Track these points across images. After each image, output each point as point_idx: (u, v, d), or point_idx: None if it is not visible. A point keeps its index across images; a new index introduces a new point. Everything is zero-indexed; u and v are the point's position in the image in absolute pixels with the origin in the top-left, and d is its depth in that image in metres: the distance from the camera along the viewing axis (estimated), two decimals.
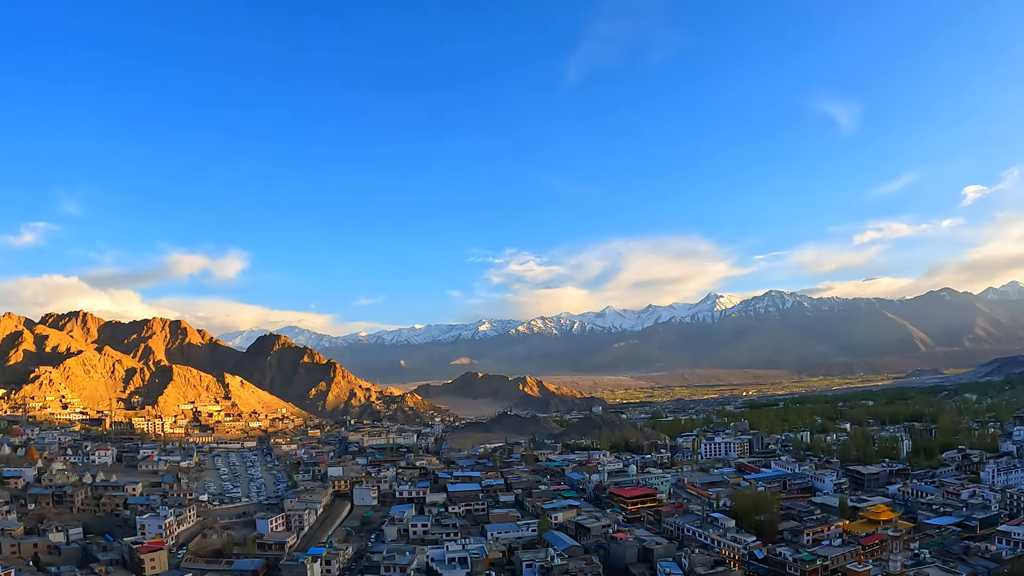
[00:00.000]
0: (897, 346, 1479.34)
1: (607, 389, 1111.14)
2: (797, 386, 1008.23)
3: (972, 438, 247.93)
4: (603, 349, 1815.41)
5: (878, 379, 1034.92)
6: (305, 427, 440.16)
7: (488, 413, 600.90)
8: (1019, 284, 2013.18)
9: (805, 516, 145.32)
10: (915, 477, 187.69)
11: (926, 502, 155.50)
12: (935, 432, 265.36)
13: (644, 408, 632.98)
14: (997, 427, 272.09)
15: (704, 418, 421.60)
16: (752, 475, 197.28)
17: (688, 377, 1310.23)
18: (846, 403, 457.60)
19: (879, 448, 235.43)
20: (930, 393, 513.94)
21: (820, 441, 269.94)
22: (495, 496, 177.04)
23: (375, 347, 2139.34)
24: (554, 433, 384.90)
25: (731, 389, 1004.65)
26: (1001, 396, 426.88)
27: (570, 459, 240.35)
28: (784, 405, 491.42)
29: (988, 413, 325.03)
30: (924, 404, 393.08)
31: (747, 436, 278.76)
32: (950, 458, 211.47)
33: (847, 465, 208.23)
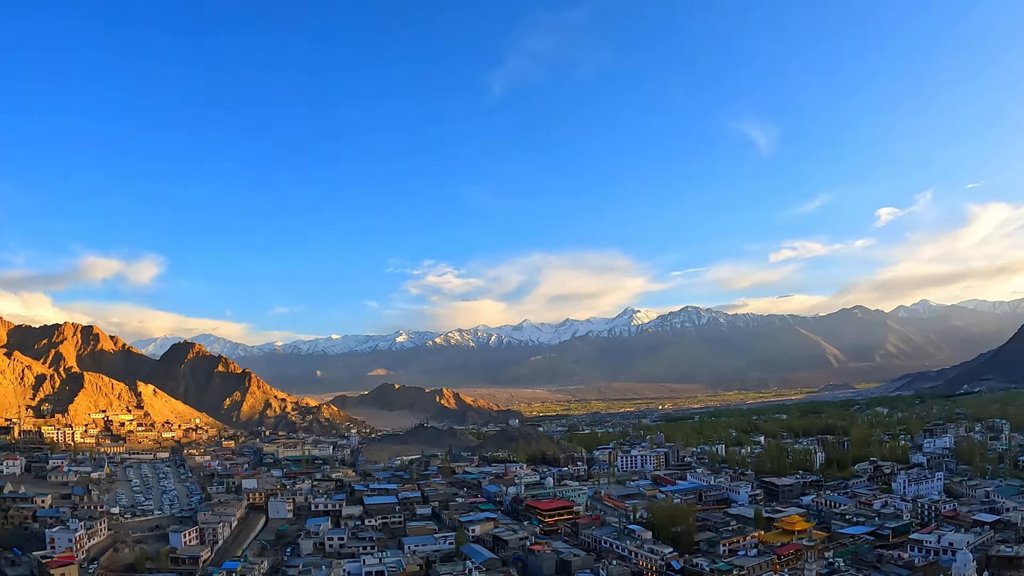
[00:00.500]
0: (810, 361, 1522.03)
1: (524, 402, 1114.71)
2: (712, 400, 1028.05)
3: (884, 450, 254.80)
4: (520, 362, 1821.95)
5: (792, 393, 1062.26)
6: (219, 438, 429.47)
7: (405, 425, 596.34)
8: (929, 303, 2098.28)
9: (721, 527, 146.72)
10: (828, 488, 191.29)
11: (839, 512, 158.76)
12: (848, 444, 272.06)
13: (561, 421, 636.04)
14: (908, 440, 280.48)
15: (620, 431, 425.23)
16: (668, 487, 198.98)
17: (605, 391, 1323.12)
18: (760, 417, 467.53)
19: (793, 460, 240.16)
20: (842, 407, 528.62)
21: (735, 454, 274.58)
22: (412, 509, 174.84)
23: (291, 357, 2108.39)
24: (471, 446, 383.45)
25: (647, 403, 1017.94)
26: (911, 410, 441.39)
27: (487, 472, 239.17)
28: (700, 419, 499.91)
29: (899, 426, 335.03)
30: (837, 418, 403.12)
31: (663, 449, 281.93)
32: (862, 470, 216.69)
33: (762, 477, 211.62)
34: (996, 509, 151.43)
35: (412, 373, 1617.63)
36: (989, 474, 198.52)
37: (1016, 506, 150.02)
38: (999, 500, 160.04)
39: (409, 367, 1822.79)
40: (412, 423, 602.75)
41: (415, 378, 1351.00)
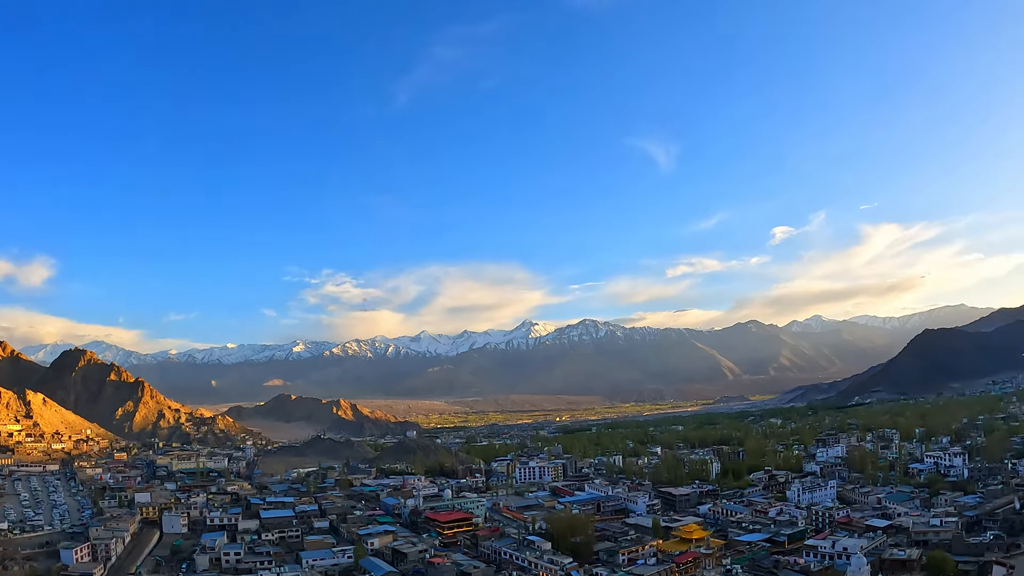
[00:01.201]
0: (706, 374, 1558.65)
1: (422, 413, 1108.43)
2: (609, 412, 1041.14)
3: (778, 460, 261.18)
4: (418, 373, 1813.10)
5: (688, 405, 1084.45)
6: (111, 449, 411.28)
7: (301, 436, 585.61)
8: (821, 318, 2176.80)
9: (620, 537, 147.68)
10: (724, 497, 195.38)
11: (736, 520, 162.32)
12: (743, 454, 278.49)
13: (459, 433, 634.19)
14: (801, 449, 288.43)
15: (518, 443, 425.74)
16: (567, 498, 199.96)
17: (502, 403, 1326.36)
18: (657, 428, 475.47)
19: (689, 470, 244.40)
20: (737, 418, 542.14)
21: (632, 464, 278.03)
22: (309, 522, 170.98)
23: (186, 366, 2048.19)
24: (368, 458, 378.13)
25: (545, 415, 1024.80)
26: (804, 421, 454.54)
27: (385, 484, 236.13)
28: (597, 430, 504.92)
29: (792, 436, 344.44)
30: (732, 428, 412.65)
31: (561, 460, 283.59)
32: (757, 479, 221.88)
33: (659, 487, 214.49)
34: (888, 515, 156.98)
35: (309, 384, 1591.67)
36: (880, 481, 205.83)
37: (907, 511, 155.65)
38: (890, 506, 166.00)
39: (306, 377, 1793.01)
40: (309, 435, 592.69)
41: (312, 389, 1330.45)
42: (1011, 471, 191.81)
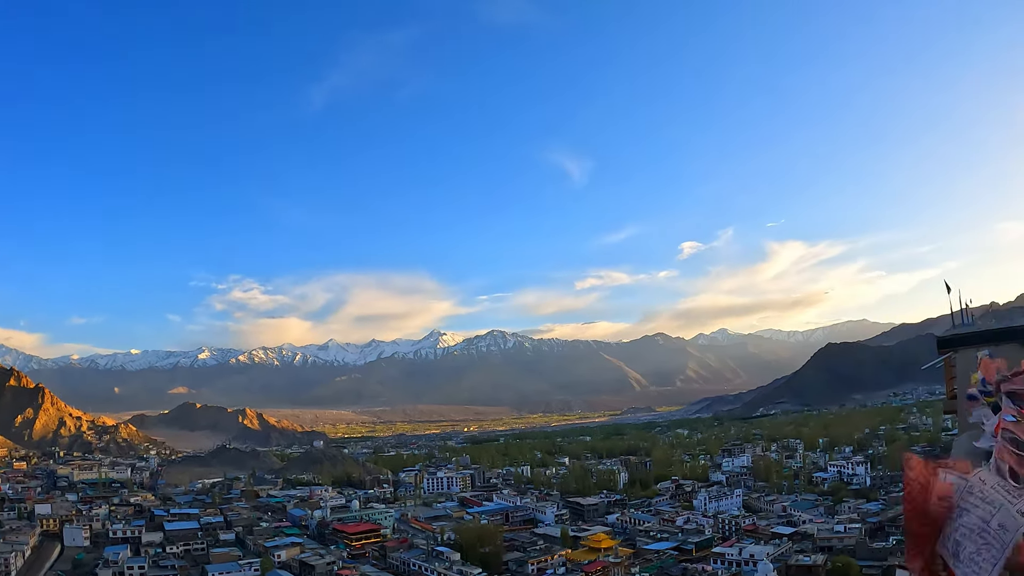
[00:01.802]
0: (614, 386, 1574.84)
1: (329, 423, 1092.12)
2: (518, 422, 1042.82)
3: (685, 469, 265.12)
4: (325, 382, 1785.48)
5: (595, 416, 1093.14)
6: (10, 459, 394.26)
7: (207, 446, 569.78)
8: (727, 331, 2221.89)
9: (529, 547, 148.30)
10: (632, 506, 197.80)
11: (644, 529, 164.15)
12: (650, 464, 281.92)
13: (366, 443, 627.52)
14: (707, 459, 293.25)
15: (426, 453, 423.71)
16: (475, 508, 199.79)
17: (410, 412, 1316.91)
18: (565, 438, 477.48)
19: (597, 480, 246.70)
20: (644, 429, 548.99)
21: (540, 475, 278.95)
22: (215, 535, 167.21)
23: (88, 372, 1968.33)
24: (275, 468, 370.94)
25: (453, 425, 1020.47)
26: (710, 431, 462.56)
27: (292, 495, 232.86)
28: (505, 440, 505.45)
29: (699, 447, 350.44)
30: (639, 439, 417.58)
31: (469, 471, 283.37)
32: (664, 488, 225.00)
33: (567, 497, 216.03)
34: (793, 522, 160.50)
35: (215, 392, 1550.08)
36: (785, 490, 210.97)
37: (811, 518, 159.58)
38: (795, 513, 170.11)
39: (212, 385, 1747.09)
40: (214, 444, 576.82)
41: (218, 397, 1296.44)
42: None
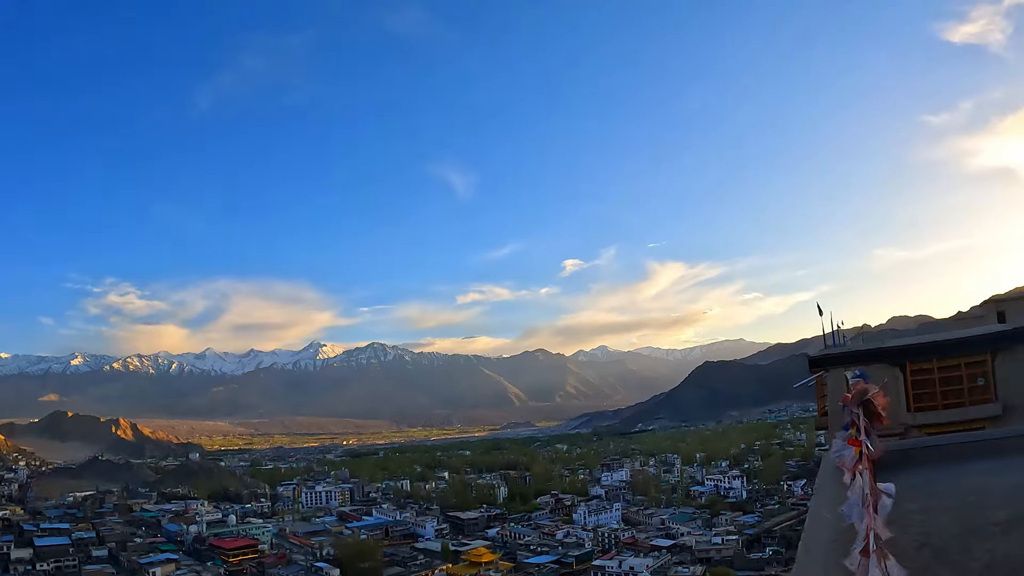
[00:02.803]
0: (494, 400, 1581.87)
1: (205, 435, 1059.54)
2: (397, 436, 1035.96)
3: (564, 484, 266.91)
4: (202, 392, 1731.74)
5: (475, 431, 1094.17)
6: None
7: (79, 457, 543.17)
8: (607, 348, 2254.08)
9: (409, 561, 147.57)
10: (512, 520, 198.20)
11: (524, 543, 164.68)
12: (529, 479, 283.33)
13: (244, 455, 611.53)
14: (587, 474, 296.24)
15: (305, 466, 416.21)
16: (354, 523, 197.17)
17: (289, 424, 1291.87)
18: (445, 452, 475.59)
19: (477, 495, 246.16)
20: (524, 444, 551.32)
21: (420, 489, 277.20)
22: (87, 551, 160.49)
23: None
24: (149, 481, 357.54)
25: (332, 438, 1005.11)
26: (589, 446, 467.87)
27: (167, 509, 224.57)
28: (384, 454, 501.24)
29: (578, 461, 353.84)
30: (519, 453, 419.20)
31: (348, 485, 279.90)
32: (544, 502, 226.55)
33: (447, 511, 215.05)
34: (671, 534, 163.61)
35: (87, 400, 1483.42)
36: (663, 503, 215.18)
37: (689, 531, 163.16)
38: (673, 526, 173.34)
39: (84, 393, 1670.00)
40: (86, 455, 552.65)
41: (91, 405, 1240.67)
42: (787, 492, 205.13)
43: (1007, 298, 56.63)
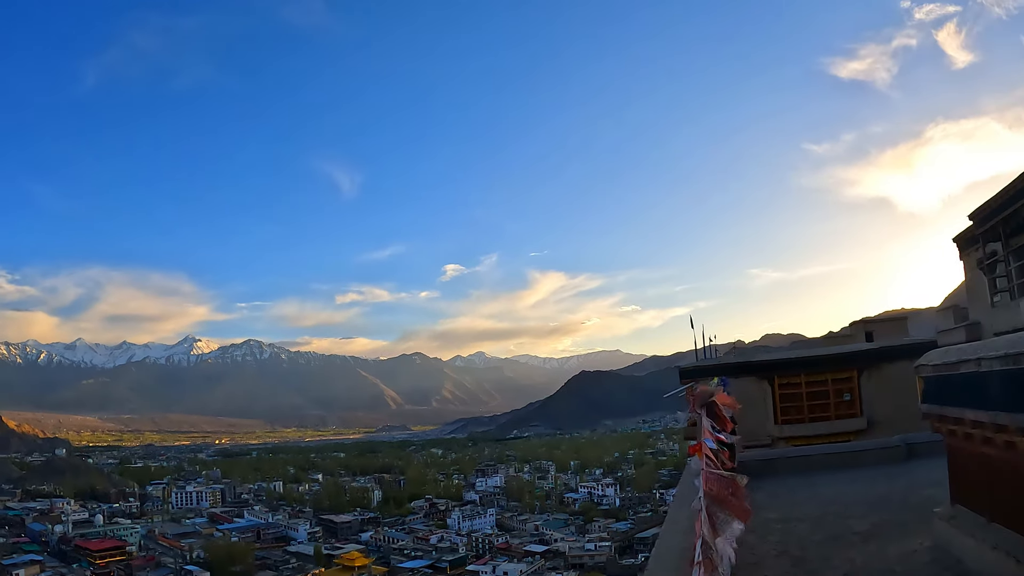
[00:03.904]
0: (369, 403, 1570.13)
1: (73, 429, 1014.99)
2: (271, 436, 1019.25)
3: (439, 488, 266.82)
4: (71, 385, 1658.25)
5: (350, 433, 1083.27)
6: None
7: None
8: (485, 354, 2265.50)
9: (281, 565, 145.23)
10: (386, 524, 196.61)
11: (398, 547, 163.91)
12: (404, 483, 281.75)
13: (113, 452, 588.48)
14: (461, 479, 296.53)
15: (176, 465, 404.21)
16: (226, 525, 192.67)
17: (160, 422, 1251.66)
18: (319, 454, 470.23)
19: (351, 498, 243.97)
20: (399, 447, 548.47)
21: (293, 491, 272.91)
22: None
23: None
24: (13, 477, 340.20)
25: (204, 436, 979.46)
26: (464, 451, 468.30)
27: (31, 507, 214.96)
28: (257, 455, 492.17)
29: (453, 466, 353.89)
30: (394, 457, 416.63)
31: (220, 485, 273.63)
32: (419, 507, 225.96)
33: (320, 514, 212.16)
34: (545, 540, 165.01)
35: None
36: (537, 509, 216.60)
37: (563, 537, 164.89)
38: (547, 532, 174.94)
39: None
40: None
41: None
42: (659, 500, 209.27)
43: (875, 319, 59.53)
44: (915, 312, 66.93)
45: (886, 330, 51.86)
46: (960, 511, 14.30)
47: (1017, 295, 33.49)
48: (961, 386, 12.87)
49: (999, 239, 34.65)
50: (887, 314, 65.60)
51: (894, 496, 20.65)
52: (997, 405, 11.15)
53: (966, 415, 12.72)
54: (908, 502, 19.45)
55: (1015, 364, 10.26)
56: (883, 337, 48.63)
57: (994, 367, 11.00)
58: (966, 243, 42.96)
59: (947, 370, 13.51)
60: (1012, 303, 33.50)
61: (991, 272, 37.17)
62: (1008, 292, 35.03)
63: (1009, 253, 34.05)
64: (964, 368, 12.48)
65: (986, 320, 36.55)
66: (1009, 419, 10.83)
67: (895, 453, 27.75)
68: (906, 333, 50.17)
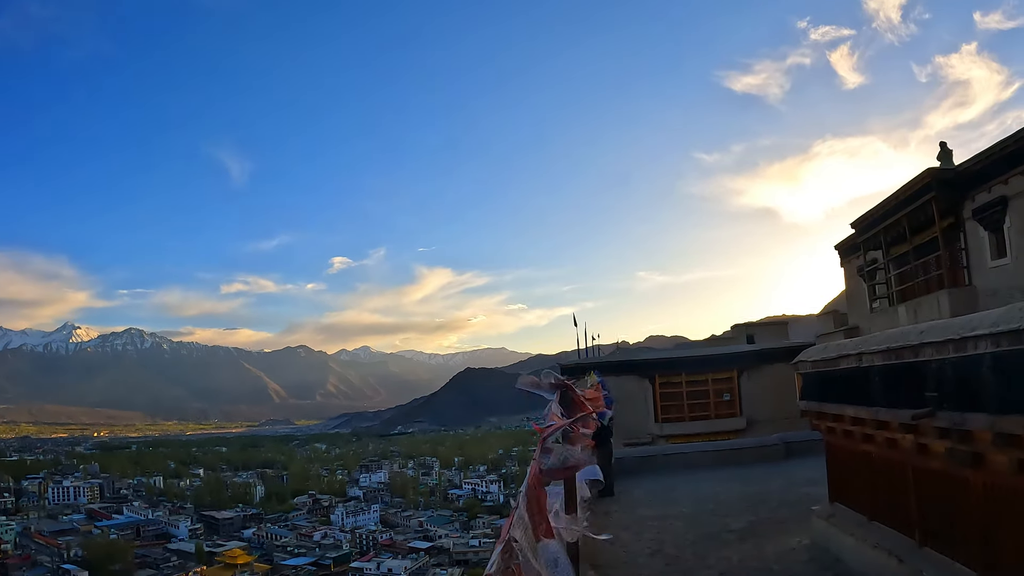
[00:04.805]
0: (253, 396, 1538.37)
1: None
2: (152, 429, 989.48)
3: (322, 484, 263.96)
4: None
5: (233, 426, 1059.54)
6: None
7: None
8: (370, 349, 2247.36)
9: (162, 563, 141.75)
10: (269, 521, 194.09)
11: (281, 544, 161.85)
12: (287, 478, 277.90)
13: None
14: (345, 474, 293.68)
15: (53, 459, 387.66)
16: (104, 522, 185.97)
17: (36, 412, 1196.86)
18: (200, 448, 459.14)
19: (232, 494, 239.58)
20: (282, 442, 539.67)
21: (174, 486, 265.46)
22: None
23: None
24: None
25: (82, 429, 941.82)
26: (348, 447, 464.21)
27: None
28: (138, 448, 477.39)
29: (337, 462, 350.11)
30: (276, 452, 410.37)
31: (98, 480, 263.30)
32: (302, 503, 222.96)
33: (201, 510, 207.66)
34: (429, 537, 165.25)
35: None
36: (422, 506, 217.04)
37: (447, 533, 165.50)
38: (431, 529, 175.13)
39: None
40: None
41: None
42: None
43: (756, 323, 62.39)
44: (796, 318, 70.39)
45: (767, 333, 54.52)
46: (839, 509, 14.67)
47: (896, 301, 36.02)
48: (841, 382, 13.00)
49: (880, 247, 37.28)
50: (769, 319, 68.11)
51: (772, 494, 21.28)
52: (878, 401, 11.24)
53: (846, 411, 12.91)
54: (786, 500, 20.10)
55: (897, 358, 10.33)
56: (764, 340, 51.11)
57: (875, 362, 11.11)
58: (847, 251, 45.87)
59: (826, 366, 13.75)
60: (891, 309, 36.02)
61: (871, 279, 39.96)
62: (887, 298, 37.71)
63: (889, 261, 36.67)
64: (844, 363, 12.59)
65: (865, 325, 39.14)
66: (891, 415, 10.90)
67: (774, 451, 29.06)
68: (786, 337, 52.78)
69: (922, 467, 10.68)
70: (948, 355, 8.56)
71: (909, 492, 11.22)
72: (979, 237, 31.13)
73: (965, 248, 32.31)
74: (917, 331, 9.72)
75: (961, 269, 32.60)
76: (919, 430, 10.01)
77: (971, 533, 9.36)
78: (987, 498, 8.88)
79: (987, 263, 30.80)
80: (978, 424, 8.14)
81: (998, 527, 8.65)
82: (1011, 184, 28.33)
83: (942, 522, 10.33)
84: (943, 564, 10.20)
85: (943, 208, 32.08)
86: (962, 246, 32.46)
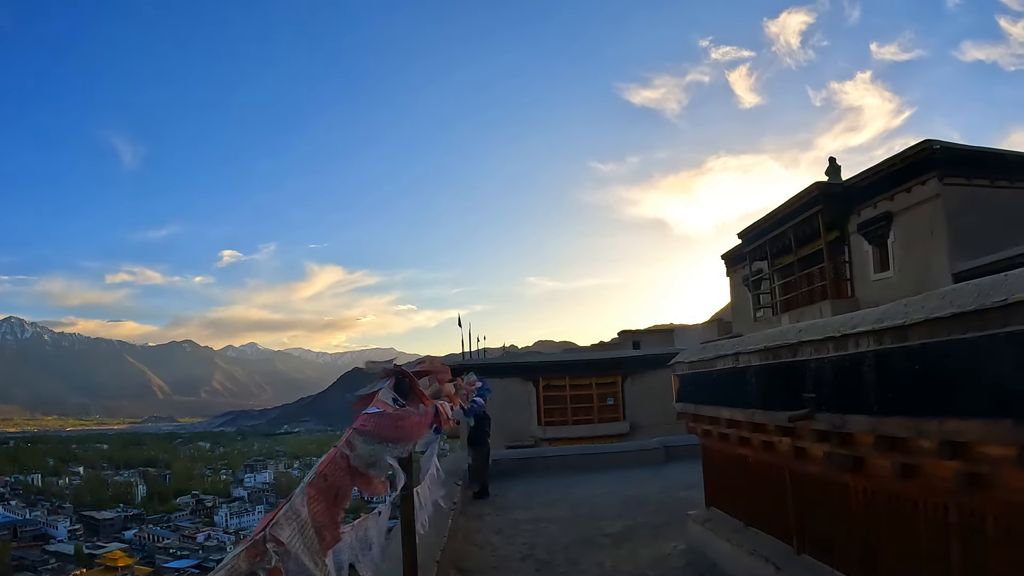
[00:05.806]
0: (136, 391, 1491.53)
1: None
2: (30, 424, 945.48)
3: (206, 484, 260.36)
4: None
5: (114, 423, 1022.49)
6: None
7: None
8: (258, 346, 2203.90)
9: (40, 566, 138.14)
10: (151, 522, 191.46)
11: (163, 546, 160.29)
12: (169, 478, 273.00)
13: None
14: (230, 474, 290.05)
15: None
16: None
17: None
18: (81, 445, 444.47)
19: (113, 493, 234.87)
20: (165, 439, 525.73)
21: (52, 485, 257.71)
22: None
23: None
24: None
25: None
26: (234, 445, 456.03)
27: None
28: (15, 444, 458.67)
29: (221, 461, 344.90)
30: (159, 450, 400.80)
31: None
32: (185, 503, 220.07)
33: (81, 510, 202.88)
34: None
35: None
36: None
37: None
38: None
39: None
40: None
41: None
42: None
43: (643, 331, 66.16)
44: (683, 327, 73.57)
45: (653, 340, 58.07)
46: (716, 514, 14.45)
47: (779, 311, 39.30)
48: (717, 383, 12.59)
49: (766, 258, 40.67)
50: (656, 327, 71.67)
51: (649, 498, 21.07)
52: (755, 403, 10.86)
53: (722, 414, 12.59)
54: (664, 504, 19.86)
55: (775, 358, 9.92)
56: (649, 346, 54.47)
57: (752, 362, 10.73)
58: (733, 260, 49.75)
59: (703, 367, 13.40)
60: (774, 318, 39.56)
61: (756, 288, 43.61)
62: (771, 308, 41.23)
63: (775, 271, 40.08)
64: (721, 364, 12.19)
65: (748, 334, 42.17)
66: (767, 417, 10.53)
67: (654, 455, 29.32)
68: (672, 344, 55.94)
69: (800, 471, 10.53)
70: (828, 354, 8.21)
71: (787, 497, 11.07)
72: (863, 251, 33.58)
73: (849, 261, 34.88)
74: (796, 330, 9.44)
75: (844, 281, 35.10)
76: (797, 433, 9.74)
77: (852, 540, 9.12)
78: (868, 504, 8.63)
79: (870, 276, 33.28)
80: (859, 426, 7.81)
81: (880, 534, 8.41)
82: (896, 200, 31.01)
83: (821, 528, 10.09)
84: (822, 571, 9.97)
85: (829, 221, 34.70)
86: (846, 259, 35.03)
